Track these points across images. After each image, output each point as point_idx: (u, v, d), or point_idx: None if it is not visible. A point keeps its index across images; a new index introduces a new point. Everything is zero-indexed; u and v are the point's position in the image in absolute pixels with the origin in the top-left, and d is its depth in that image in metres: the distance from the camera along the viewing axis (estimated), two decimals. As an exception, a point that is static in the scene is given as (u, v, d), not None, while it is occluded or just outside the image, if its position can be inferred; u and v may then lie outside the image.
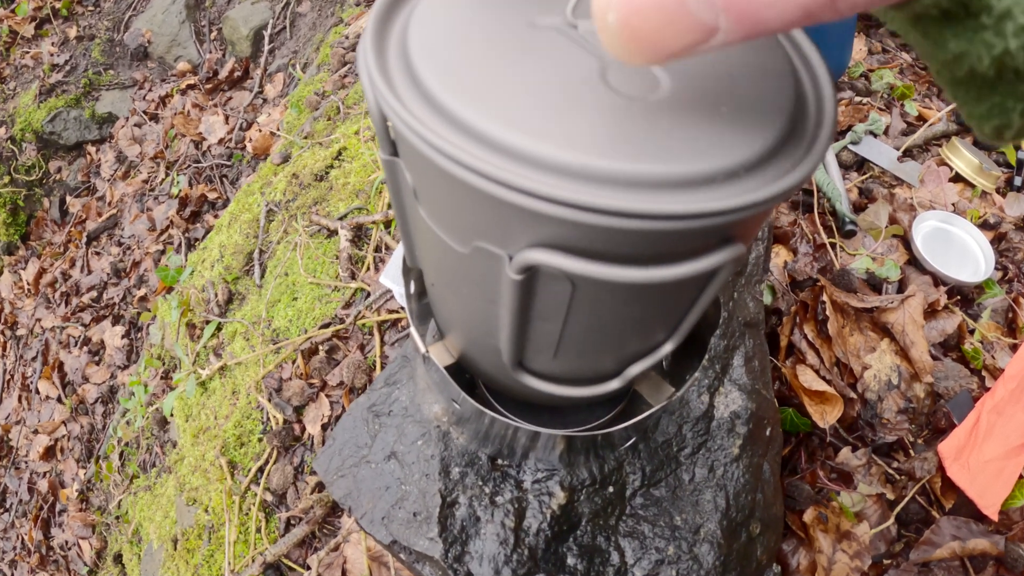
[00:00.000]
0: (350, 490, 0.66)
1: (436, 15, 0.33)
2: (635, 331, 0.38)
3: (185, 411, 1.24)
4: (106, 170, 2.02)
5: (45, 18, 2.17)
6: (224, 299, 1.34)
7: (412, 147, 0.28)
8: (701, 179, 0.26)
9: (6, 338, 1.86)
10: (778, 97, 0.30)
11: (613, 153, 0.26)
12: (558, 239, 0.27)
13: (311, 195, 1.37)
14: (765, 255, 0.96)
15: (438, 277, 0.42)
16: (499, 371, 0.47)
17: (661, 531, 0.67)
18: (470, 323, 0.42)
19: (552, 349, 0.39)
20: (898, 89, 1.45)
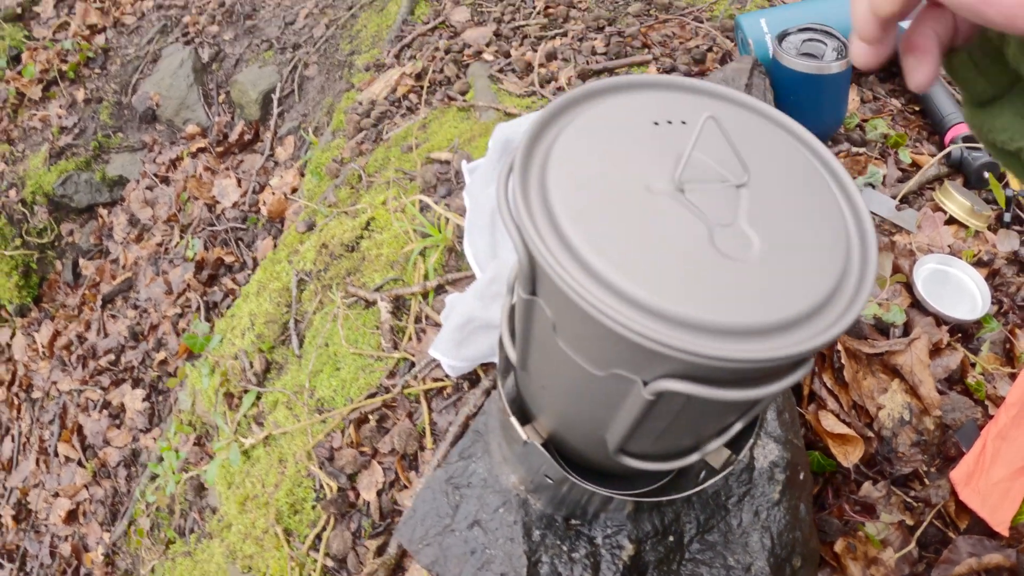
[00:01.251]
0: (436, 557, 0.71)
1: (567, 173, 0.40)
2: (719, 422, 0.45)
3: (227, 479, 1.27)
4: (119, 233, 2.06)
5: (52, 80, 2.22)
6: (261, 368, 1.38)
7: (560, 293, 0.35)
8: (780, 327, 0.34)
9: (20, 400, 1.86)
10: (836, 246, 0.38)
11: (718, 308, 0.34)
12: (683, 372, 0.35)
13: (343, 265, 1.43)
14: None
15: (561, 392, 0.49)
16: (594, 453, 0.53)
17: (718, 571, 0.73)
18: (579, 420, 0.49)
19: (653, 439, 0.46)
20: (892, 138, 1.56)
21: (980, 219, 1.36)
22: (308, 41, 2.23)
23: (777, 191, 0.41)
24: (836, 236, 0.39)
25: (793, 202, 0.41)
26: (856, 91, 1.72)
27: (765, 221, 0.39)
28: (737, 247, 0.37)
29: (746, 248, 0.37)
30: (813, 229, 0.39)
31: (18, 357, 1.91)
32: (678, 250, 0.36)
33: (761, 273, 0.36)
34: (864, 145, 1.55)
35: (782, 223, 0.39)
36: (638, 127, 0.44)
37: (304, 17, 2.30)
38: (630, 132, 0.44)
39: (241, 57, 2.27)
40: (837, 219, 0.40)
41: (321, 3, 2.31)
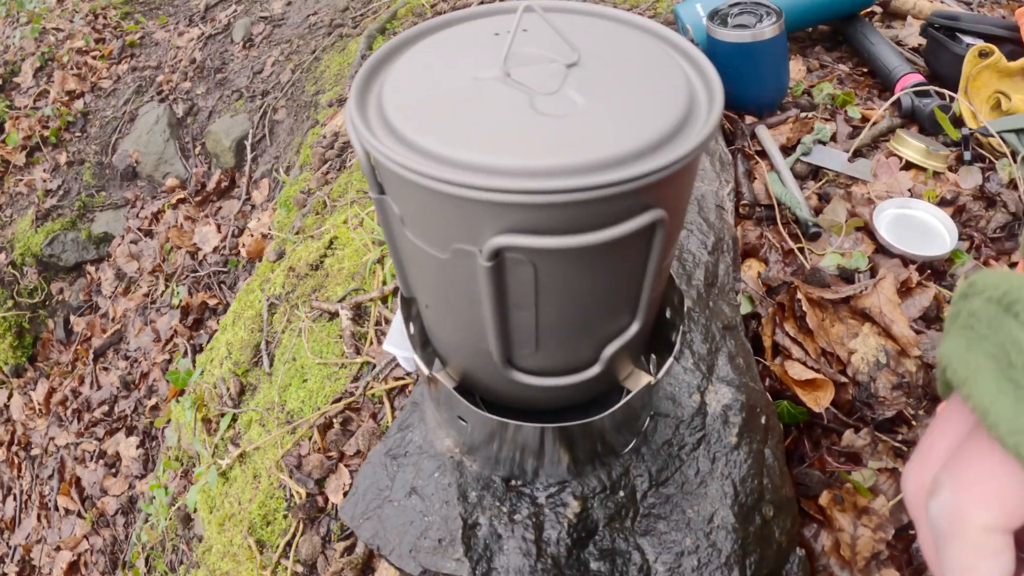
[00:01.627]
0: (376, 530, 0.69)
1: (402, 82, 0.43)
2: (599, 312, 0.44)
3: (209, 503, 1.26)
4: (107, 288, 2.10)
5: (35, 146, 2.30)
6: (236, 391, 1.38)
7: (396, 177, 0.37)
8: (613, 161, 0.33)
9: (20, 459, 1.88)
10: (673, 91, 0.38)
11: (545, 154, 0.34)
12: (515, 225, 0.35)
13: (309, 284, 1.45)
14: (733, 264, 1.03)
15: (429, 294, 0.48)
16: (495, 378, 0.52)
17: (676, 525, 0.70)
18: (462, 331, 0.48)
19: (533, 340, 0.45)
20: (839, 98, 1.56)
21: (938, 159, 1.34)
22: (276, 87, 2.30)
23: (611, 66, 0.42)
24: (675, 89, 0.39)
25: (628, 72, 0.42)
26: (802, 61, 1.73)
27: (594, 87, 0.40)
28: (560, 108, 0.38)
29: (569, 107, 0.38)
30: (648, 87, 0.40)
31: (16, 416, 1.94)
32: (498, 117, 0.38)
33: (584, 123, 0.37)
34: (813, 109, 1.55)
35: (613, 87, 0.40)
36: (477, 39, 0.46)
37: (271, 65, 2.38)
38: (468, 43, 0.46)
39: (213, 109, 2.35)
40: (678, 78, 0.41)
41: (286, 50, 2.39)
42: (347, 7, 2.38)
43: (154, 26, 2.64)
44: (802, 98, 1.60)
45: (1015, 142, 1.35)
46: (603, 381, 0.55)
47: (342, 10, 2.38)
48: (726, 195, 1.06)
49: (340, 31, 2.27)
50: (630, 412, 0.64)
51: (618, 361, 0.52)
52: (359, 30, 2.24)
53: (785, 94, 1.56)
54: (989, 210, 1.31)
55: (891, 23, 1.93)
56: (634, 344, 0.52)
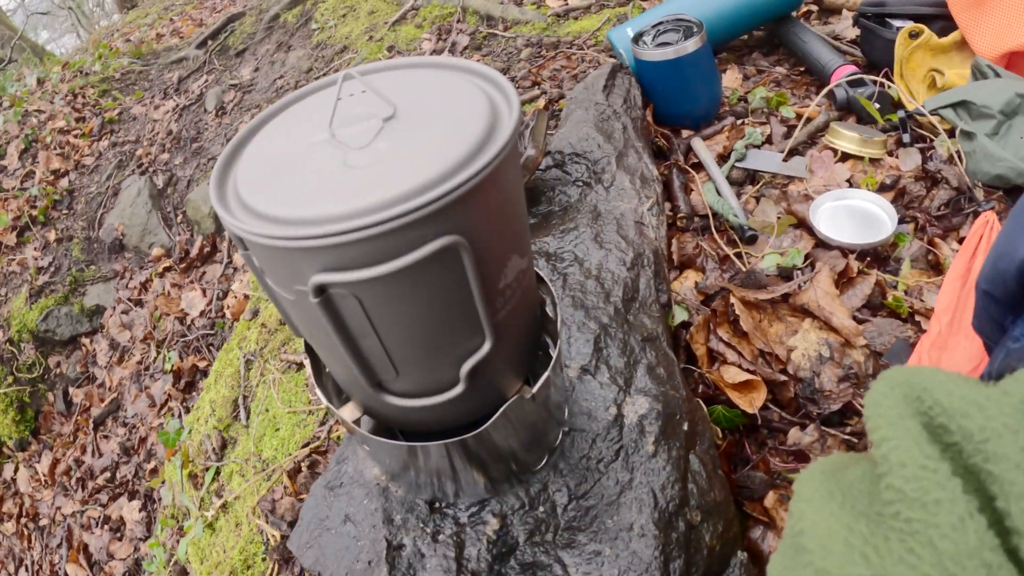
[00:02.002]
0: (317, 557, 0.74)
1: (252, 157, 0.50)
2: (440, 333, 0.49)
3: (199, 555, 1.31)
4: (102, 358, 2.18)
5: (25, 226, 2.41)
6: (219, 446, 1.44)
7: (241, 238, 0.43)
8: (407, 195, 0.39)
9: (30, 531, 1.94)
10: (476, 120, 0.44)
11: (347, 200, 0.40)
12: (328, 263, 0.41)
13: (279, 338, 1.52)
14: (656, 277, 1.07)
15: (305, 332, 0.54)
16: (378, 404, 0.57)
17: (595, 536, 0.73)
18: (336, 363, 0.54)
19: (389, 364, 0.50)
20: (773, 100, 1.60)
21: (874, 146, 1.37)
22: (252, 147, 2.40)
23: (422, 110, 0.48)
24: (476, 118, 0.45)
25: (435, 112, 0.48)
26: (739, 70, 1.78)
27: (402, 134, 0.46)
28: (367, 158, 0.44)
29: (375, 157, 0.44)
30: (451, 124, 0.46)
31: (23, 489, 2.00)
32: (315, 175, 0.44)
33: (385, 168, 0.43)
34: (748, 115, 1.60)
35: (419, 130, 0.46)
36: (321, 107, 0.53)
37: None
38: (313, 112, 0.52)
39: (192, 177, 2.45)
40: (481, 107, 0.46)
41: (256, 114, 2.50)
42: (311, 68, 2.49)
43: (131, 101, 2.77)
44: (738, 106, 1.64)
45: (952, 117, 1.36)
46: (479, 398, 0.59)
47: (306, 71, 2.49)
48: (647, 211, 1.11)
49: (304, 89, 2.37)
50: (529, 427, 0.69)
51: (488, 378, 0.57)
52: (322, 86, 2.34)
53: (719, 104, 1.61)
54: (932, 189, 1.31)
55: (828, 19, 1.98)
56: (499, 361, 0.56)
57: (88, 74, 2.92)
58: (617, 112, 1.27)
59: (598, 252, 1.00)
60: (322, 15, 2.68)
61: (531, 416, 0.67)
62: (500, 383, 0.61)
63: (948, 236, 1.25)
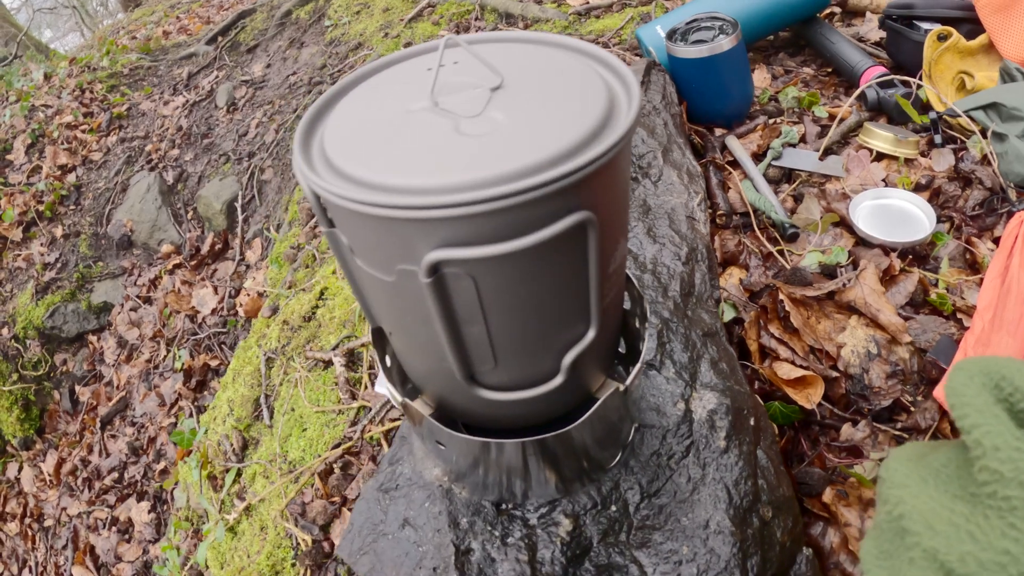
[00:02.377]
0: (373, 564, 0.70)
1: (340, 122, 0.45)
2: (550, 320, 0.46)
3: (219, 559, 1.26)
4: (109, 356, 2.12)
5: (31, 221, 2.35)
6: (240, 446, 1.39)
7: (339, 209, 0.39)
8: (533, 169, 0.36)
9: (34, 531, 1.88)
10: (593, 99, 0.41)
11: (467, 169, 0.36)
12: (447, 239, 0.37)
13: (303, 336, 1.47)
14: (710, 272, 1.05)
15: (389, 319, 0.50)
16: (464, 398, 0.54)
17: (671, 535, 0.70)
18: (424, 353, 0.50)
19: (490, 354, 0.46)
20: (805, 99, 1.59)
21: (908, 147, 1.36)
22: (261, 148, 2.36)
23: (533, 84, 0.45)
24: (594, 96, 0.42)
25: (549, 87, 0.44)
26: (767, 69, 1.77)
27: (516, 105, 0.42)
28: (482, 127, 0.40)
29: (492, 126, 0.40)
30: (568, 98, 0.42)
31: (27, 489, 1.94)
32: (424, 143, 0.40)
33: (505, 138, 0.39)
34: (780, 114, 1.58)
35: (534, 103, 0.42)
36: (411, 76, 0.49)
37: (255, 127, 2.45)
38: (402, 81, 0.49)
39: (202, 173, 2.41)
40: (597, 85, 0.43)
41: (269, 111, 2.46)
42: (324, 64, 2.46)
43: (140, 97, 2.72)
44: (769, 105, 1.63)
45: (983, 118, 1.37)
46: (572, 391, 0.56)
47: (319, 68, 2.45)
48: (696, 206, 1.08)
49: (320, 88, 2.34)
50: (608, 424, 0.65)
51: (583, 370, 0.53)
52: (337, 83, 2.31)
53: (751, 103, 1.60)
54: (966, 189, 1.32)
55: (851, 21, 1.98)
56: (595, 352, 0.53)
57: (96, 69, 2.87)
58: (657, 108, 1.25)
59: (652, 246, 0.97)
60: (335, 12, 2.65)
61: (612, 412, 0.63)
62: (590, 375, 0.58)
63: (983, 235, 1.24)
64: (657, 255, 0.97)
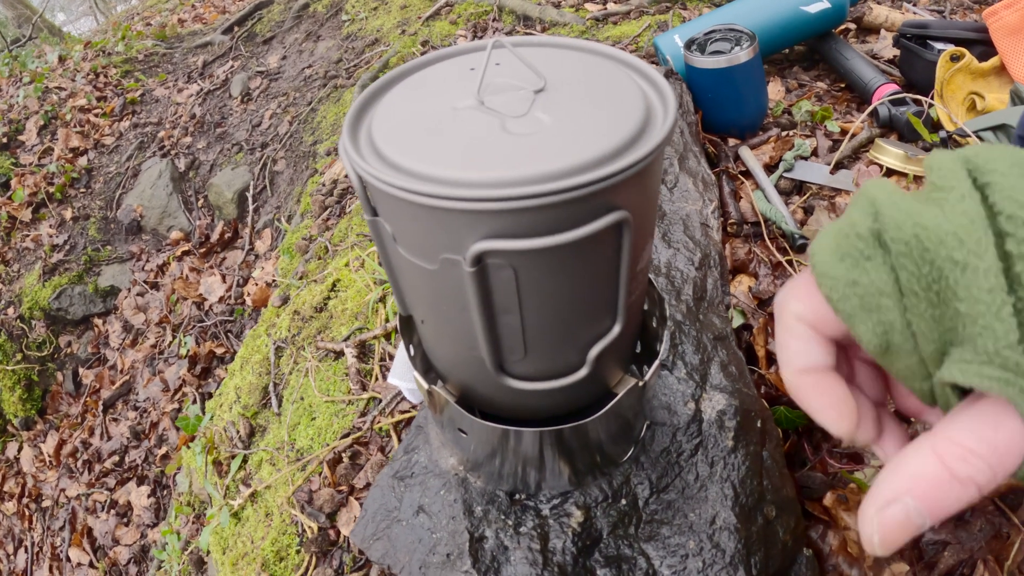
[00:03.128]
0: (387, 549, 0.71)
1: (388, 114, 0.47)
2: (581, 313, 0.47)
3: (221, 544, 1.27)
4: (114, 340, 2.13)
5: (41, 202, 2.37)
6: (246, 433, 1.40)
7: (387, 197, 0.40)
8: (578, 169, 0.37)
9: (31, 511, 1.88)
10: (632, 106, 0.43)
11: (517, 165, 0.38)
12: (493, 231, 0.38)
13: (314, 326, 1.49)
14: (721, 278, 1.06)
15: (424, 307, 0.52)
16: (490, 387, 0.55)
17: (679, 529, 0.72)
18: (455, 342, 0.51)
19: (521, 344, 0.48)
20: (818, 113, 1.62)
21: (917, 164, 1.38)
22: (274, 139, 2.38)
23: (574, 89, 0.46)
24: (632, 103, 0.43)
25: (589, 93, 0.46)
26: (781, 82, 1.79)
27: (559, 108, 0.44)
28: (528, 127, 0.42)
29: (537, 126, 0.42)
30: (607, 104, 0.44)
31: (26, 469, 1.95)
32: (473, 138, 0.42)
33: (551, 138, 0.41)
34: (793, 127, 1.60)
35: (576, 107, 0.44)
36: (455, 74, 0.51)
37: (269, 118, 2.46)
38: (447, 79, 0.50)
39: (215, 162, 2.42)
40: (634, 93, 0.45)
41: (283, 103, 2.48)
42: (340, 59, 2.48)
43: (154, 83, 2.74)
44: (782, 117, 1.65)
45: (992, 139, 1.39)
46: (593, 385, 0.58)
47: (335, 62, 2.47)
48: (710, 213, 1.10)
49: (335, 82, 2.36)
50: (623, 420, 0.67)
51: (605, 364, 0.55)
52: (353, 80, 2.33)
53: (765, 115, 1.62)
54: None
55: (865, 38, 2.00)
56: (619, 347, 0.55)
57: (111, 54, 2.89)
58: (673, 114, 1.27)
59: (666, 251, 0.99)
60: (353, 7, 2.67)
61: (628, 408, 0.65)
62: (611, 370, 0.59)
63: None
64: (671, 259, 0.99)
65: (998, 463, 0.26)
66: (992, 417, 0.26)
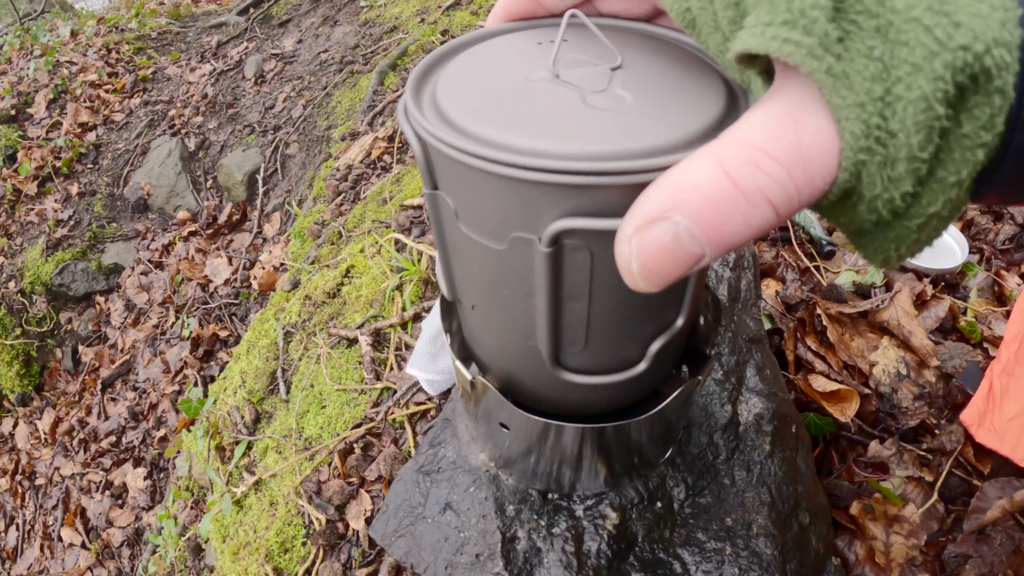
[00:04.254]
0: (410, 547, 0.68)
1: (454, 82, 0.44)
2: (648, 304, 0.44)
3: (221, 532, 1.24)
4: (116, 318, 2.09)
5: (47, 176, 2.33)
6: (251, 419, 1.37)
7: (454, 167, 0.37)
8: (666, 149, 0.34)
9: (24, 489, 1.84)
10: (714, 91, 0.40)
11: (601, 141, 0.35)
12: (575, 208, 0.35)
13: (326, 312, 1.45)
14: (755, 280, 1.04)
15: (479, 291, 0.49)
16: (539, 380, 0.52)
17: (715, 534, 0.69)
18: (510, 330, 0.48)
19: (583, 334, 0.45)
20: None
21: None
22: (288, 122, 2.34)
23: (653, 70, 0.43)
24: (714, 88, 0.41)
25: (668, 74, 0.43)
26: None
27: (639, 87, 0.41)
28: (610, 103, 0.39)
29: (619, 103, 0.39)
30: (688, 87, 0.41)
31: (21, 446, 1.91)
32: (552, 110, 0.39)
33: (634, 116, 0.38)
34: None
35: (657, 87, 0.41)
36: (523, 47, 0.48)
37: (283, 101, 2.43)
38: (515, 51, 0.47)
39: (225, 143, 2.38)
40: (714, 78, 0.42)
41: (298, 86, 2.44)
42: (357, 44, 2.44)
43: (166, 61, 2.69)
44: (807, 122, 1.63)
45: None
46: (647, 382, 0.55)
47: (352, 47, 2.44)
48: (743, 212, 1.08)
49: (351, 68, 2.33)
50: (667, 421, 0.64)
51: (663, 361, 0.52)
52: (370, 67, 2.30)
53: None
54: (997, 223, 1.33)
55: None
56: (678, 343, 0.52)
57: (123, 30, 2.84)
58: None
59: (700, 247, 0.97)
60: (371, -6, 2.64)
61: (675, 409, 0.62)
62: (667, 369, 0.56)
63: (1012, 269, 1.25)
64: (705, 257, 0.96)
65: (801, 174, 0.19)
66: (794, 108, 0.19)
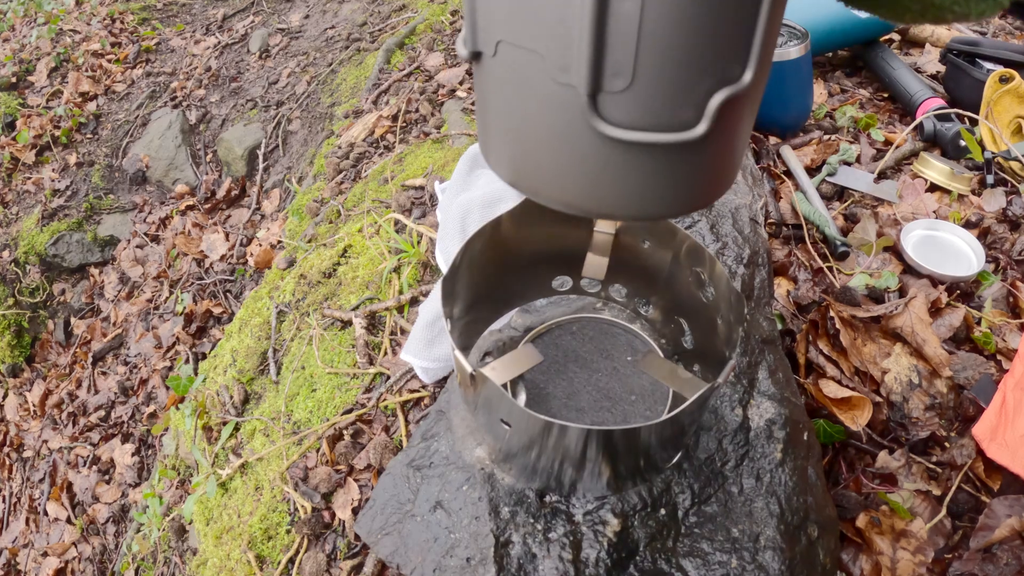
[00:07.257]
0: (396, 547, 0.65)
1: None
2: (709, 33, 0.38)
3: (205, 515, 1.20)
4: (110, 291, 2.05)
5: (45, 145, 2.28)
6: (240, 400, 1.33)
7: None
8: None
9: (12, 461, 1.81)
10: None
11: None
12: None
13: (321, 292, 1.41)
14: (768, 279, 1.00)
15: (509, 14, 0.41)
16: (568, 152, 0.43)
17: (720, 545, 0.65)
18: (536, 69, 0.41)
19: (631, 57, 0.38)
20: (862, 120, 1.55)
21: (961, 182, 1.33)
22: (291, 98, 2.29)
23: None
24: None
25: None
26: (823, 86, 1.72)
27: None
28: None
29: None
30: None
31: (10, 417, 1.88)
32: None
33: None
34: (836, 131, 1.54)
35: None
36: None
37: (286, 76, 2.38)
38: None
39: (227, 117, 2.33)
40: None
41: (303, 62, 2.39)
42: (365, 22, 2.39)
43: (171, 33, 2.64)
44: (824, 120, 1.59)
45: (1036, 165, 1.34)
46: (707, 167, 0.44)
47: (360, 24, 2.38)
48: (759, 209, 1.03)
49: (358, 45, 2.27)
50: (678, 425, 0.60)
51: (725, 130, 0.43)
52: (377, 44, 2.24)
53: (808, 116, 1.55)
54: (1014, 232, 1.29)
55: (909, 51, 1.93)
56: (748, 109, 0.43)
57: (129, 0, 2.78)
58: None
59: (714, 244, 0.93)
60: (381, -28, 2.57)
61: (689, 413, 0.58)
62: (726, 149, 0.45)
63: (1027, 281, 1.21)
64: (720, 253, 0.92)
65: None
66: None
